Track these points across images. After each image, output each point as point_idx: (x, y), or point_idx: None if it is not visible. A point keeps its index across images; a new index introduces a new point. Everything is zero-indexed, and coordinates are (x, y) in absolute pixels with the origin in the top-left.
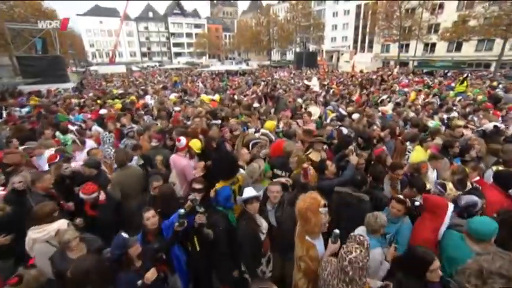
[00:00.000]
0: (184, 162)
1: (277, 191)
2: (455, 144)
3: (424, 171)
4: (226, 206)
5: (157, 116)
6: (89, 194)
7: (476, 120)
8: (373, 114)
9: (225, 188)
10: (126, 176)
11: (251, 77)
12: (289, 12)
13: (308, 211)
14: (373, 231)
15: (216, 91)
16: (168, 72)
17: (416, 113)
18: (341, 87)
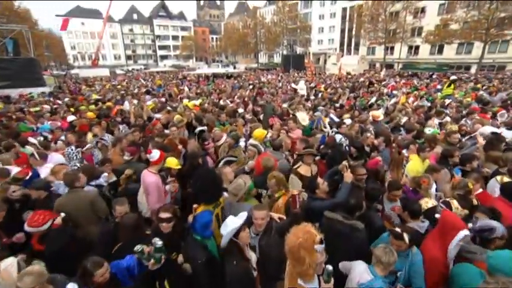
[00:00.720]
0: (151, 179)
1: (262, 217)
2: (455, 153)
3: (425, 186)
4: (204, 235)
5: (132, 124)
6: (37, 227)
7: (469, 124)
8: (366, 120)
9: (204, 214)
10: (73, 201)
11: (237, 80)
12: (275, 15)
13: (301, 249)
14: (381, 269)
15: (200, 95)
16: (153, 76)
17: (407, 117)
18: (329, 90)
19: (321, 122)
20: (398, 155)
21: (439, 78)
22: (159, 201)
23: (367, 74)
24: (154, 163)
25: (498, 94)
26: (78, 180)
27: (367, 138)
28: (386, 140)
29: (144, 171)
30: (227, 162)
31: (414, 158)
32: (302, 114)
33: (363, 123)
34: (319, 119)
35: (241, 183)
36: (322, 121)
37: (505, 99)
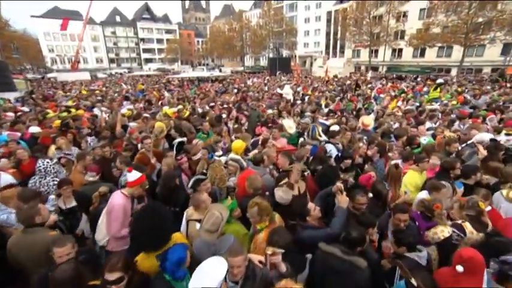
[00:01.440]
0: (119, 201)
1: (238, 265)
2: (456, 165)
3: (439, 212)
4: (175, 276)
5: (101, 136)
6: None
7: (463, 128)
8: (357, 126)
9: (176, 249)
10: (26, 244)
11: (223, 84)
12: (261, 18)
13: None
14: None
15: (182, 100)
16: (135, 80)
17: (398, 122)
18: (316, 94)
19: (315, 130)
20: (395, 169)
21: (423, 81)
22: (123, 228)
23: (353, 76)
24: (131, 184)
25: (482, 97)
26: (39, 214)
27: (359, 148)
28: (380, 149)
29: (117, 191)
30: (197, 181)
31: (411, 171)
32: (288, 121)
33: (353, 131)
34: (314, 126)
35: (218, 217)
36: (317, 129)
37: (489, 103)
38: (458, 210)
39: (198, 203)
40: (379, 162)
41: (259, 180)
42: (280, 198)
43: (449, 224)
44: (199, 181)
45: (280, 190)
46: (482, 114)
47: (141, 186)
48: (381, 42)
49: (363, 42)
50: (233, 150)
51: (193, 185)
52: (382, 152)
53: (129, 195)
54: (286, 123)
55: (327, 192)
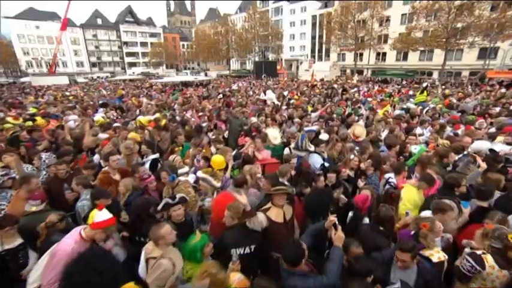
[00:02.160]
0: (65, 248)
1: None
2: (462, 181)
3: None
4: None
5: (60, 152)
6: None
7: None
8: (348, 136)
9: None
10: None
11: (207, 88)
12: (246, 22)
13: None
14: None
15: (161, 107)
16: (117, 84)
17: (390, 129)
18: (303, 98)
19: (304, 140)
20: (390, 197)
21: (408, 84)
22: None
23: (340, 80)
24: (94, 226)
25: (471, 101)
26: None
27: (350, 160)
28: (375, 163)
29: (76, 229)
30: (166, 206)
31: (408, 187)
32: (273, 131)
33: (344, 141)
34: (303, 136)
35: (167, 269)
36: (306, 138)
37: (476, 106)
38: (480, 239)
39: (157, 238)
40: (374, 177)
41: (239, 208)
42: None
43: (467, 252)
44: (169, 206)
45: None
46: (471, 119)
47: (104, 231)
48: (366, 46)
49: (348, 46)
50: (213, 166)
51: (162, 209)
52: (377, 165)
53: (87, 239)
54: (270, 133)
55: (318, 229)
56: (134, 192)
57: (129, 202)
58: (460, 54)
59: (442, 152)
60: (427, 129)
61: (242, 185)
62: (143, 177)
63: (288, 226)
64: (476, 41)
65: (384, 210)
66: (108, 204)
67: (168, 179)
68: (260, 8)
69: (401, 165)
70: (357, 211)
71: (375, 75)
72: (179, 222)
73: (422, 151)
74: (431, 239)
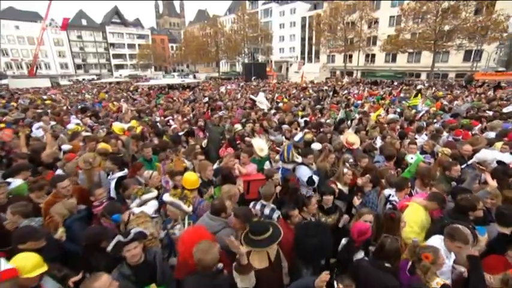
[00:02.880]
0: None
1: None
2: (478, 204)
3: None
4: None
5: (12, 169)
6: None
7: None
8: (342, 147)
9: None
10: None
11: (193, 91)
12: (235, 23)
13: None
14: None
15: (142, 113)
16: (102, 87)
17: (385, 136)
18: (293, 101)
19: (291, 151)
20: (391, 220)
21: (398, 86)
22: None
23: (329, 81)
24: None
25: (463, 104)
26: None
27: (344, 174)
28: (374, 178)
29: None
30: (118, 246)
31: (414, 204)
32: (259, 141)
33: (339, 151)
34: (290, 147)
35: None
36: (292, 151)
37: (469, 109)
38: (500, 284)
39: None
40: (372, 195)
41: (213, 254)
42: None
43: None
44: (121, 245)
45: None
46: (466, 123)
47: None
48: (355, 48)
49: (338, 47)
50: (184, 186)
51: (113, 250)
52: (376, 181)
53: None
54: (256, 143)
55: (306, 286)
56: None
57: (68, 226)
58: (446, 57)
59: (446, 164)
60: (423, 135)
61: (220, 212)
62: (94, 204)
63: (274, 266)
64: (464, 44)
65: (389, 242)
66: (42, 246)
67: (113, 222)
68: (249, 10)
69: (404, 180)
70: (352, 242)
71: (365, 76)
72: (136, 264)
73: (419, 161)
74: (432, 273)
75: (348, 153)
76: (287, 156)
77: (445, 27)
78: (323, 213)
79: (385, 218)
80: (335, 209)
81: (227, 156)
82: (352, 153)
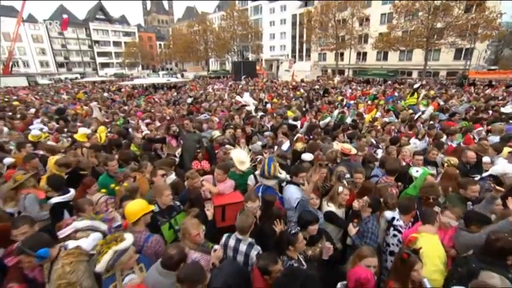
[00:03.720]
0: None
1: None
2: None
3: None
4: None
5: None
6: None
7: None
8: (336, 157)
9: None
10: None
11: (177, 92)
12: (224, 20)
13: None
14: None
15: (115, 115)
16: (85, 86)
17: (379, 141)
18: (283, 101)
19: (272, 166)
20: (403, 262)
21: (392, 84)
22: None
23: (321, 80)
24: None
25: (462, 104)
26: None
27: (338, 194)
28: (374, 202)
29: None
30: None
31: (425, 234)
32: (239, 152)
33: (332, 162)
34: (271, 160)
35: None
36: (274, 163)
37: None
38: None
39: None
40: (371, 222)
41: None
42: None
43: None
44: None
45: None
46: (467, 125)
47: None
48: (346, 45)
49: (329, 45)
50: (127, 217)
51: None
52: (376, 206)
53: None
54: (236, 156)
55: None
56: None
57: None
58: (437, 55)
59: (462, 182)
60: (424, 141)
61: (175, 267)
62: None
63: None
64: (456, 41)
65: None
66: None
67: (36, 262)
68: (239, 7)
69: (411, 201)
70: None
71: (356, 75)
72: None
73: (426, 174)
74: None
75: (343, 164)
76: (267, 170)
77: (437, 25)
78: (307, 245)
79: (395, 259)
80: (320, 236)
81: (190, 174)
82: (348, 164)
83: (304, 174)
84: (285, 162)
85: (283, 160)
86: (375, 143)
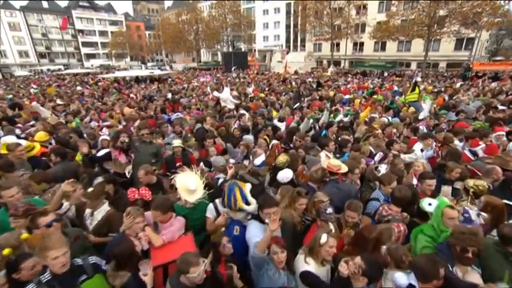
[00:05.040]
0: None
1: None
2: None
3: None
4: None
5: None
6: None
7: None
8: (323, 176)
9: None
10: None
11: (158, 86)
12: (214, 8)
13: None
14: None
15: (76, 115)
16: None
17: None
18: (272, 97)
19: (233, 195)
20: None
21: (389, 77)
22: None
23: (315, 72)
24: None
25: (474, 101)
26: None
27: (321, 246)
28: (371, 269)
29: None
30: None
31: None
32: (186, 179)
33: (318, 184)
34: (232, 188)
35: None
36: (237, 191)
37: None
38: None
39: None
40: None
41: None
42: None
43: None
44: None
45: None
46: (483, 127)
47: None
48: (343, 35)
49: (324, 34)
50: None
51: None
52: (376, 274)
53: None
54: (181, 182)
55: None
56: None
57: None
58: (437, 45)
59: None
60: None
61: None
62: None
63: None
64: (460, 30)
65: None
66: None
67: None
68: None
69: (434, 265)
70: None
71: (353, 66)
72: None
73: (444, 206)
74: None
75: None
76: (227, 203)
77: (440, 12)
78: None
79: None
80: None
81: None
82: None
83: (274, 210)
84: (257, 182)
85: (255, 179)
86: (373, 152)
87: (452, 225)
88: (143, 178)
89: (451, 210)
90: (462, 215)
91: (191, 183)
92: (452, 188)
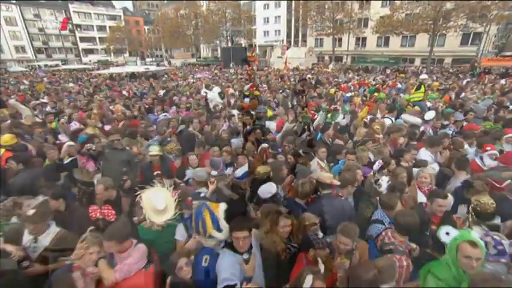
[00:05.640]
0: None
1: None
2: None
3: None
4: None
5: None
6: None
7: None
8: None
9: None
10: None
11: (151, 83)
12: (213, 2)
13: None
14: None
15: (57, 115)
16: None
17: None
18: (268, 95)
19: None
20: None
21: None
22: None
23: (316, 68)
24: None
25: (485, 100)
26: None
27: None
28: None
29: None
30: None
31: None
32: (154, 197)
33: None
34: (199, 212)
35: None
36: (205, 219)
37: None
38: None
39: None
40: None
41: None
42: None
43: None
44: None
45: None
46: (494, 128)
47: None
48: (344, 30)
49: (326, 29)
50: None
51: None
52: None
53: None
54: (148, 200)
55: None
56: None
57: None
58: (442, 40)
59: None
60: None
61: None
62: None
63: None
64: (467, 24)
65: None
66: None
67: None
68: None
69: None
70: None
71: (355, 62)
72: None
73: (464, 240)
74: None
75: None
76: (195, 227)
77: (447, 5)
78: None
79: None
80: None
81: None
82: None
83: (243, 235)
84: (236, 197)
85: (235, 193)
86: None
87: (469, 267)
88: (101, 194)
89: (470, 247)
90: (494, 247)
91: (159, 202)
92: None
